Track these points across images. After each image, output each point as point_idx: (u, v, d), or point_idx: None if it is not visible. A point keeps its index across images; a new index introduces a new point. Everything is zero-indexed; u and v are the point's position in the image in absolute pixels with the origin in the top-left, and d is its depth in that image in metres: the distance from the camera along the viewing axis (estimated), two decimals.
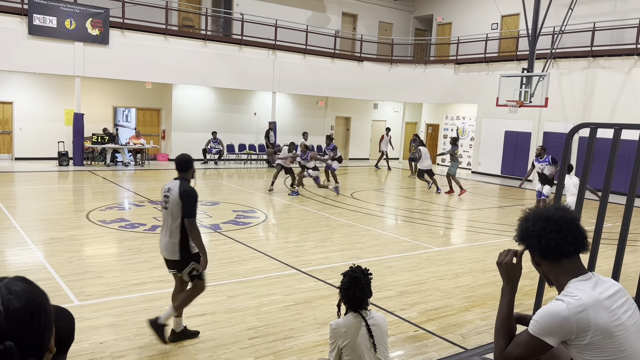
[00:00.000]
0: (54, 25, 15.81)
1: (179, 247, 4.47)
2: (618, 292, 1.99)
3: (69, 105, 17.67)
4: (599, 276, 2.04)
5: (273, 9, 21.24)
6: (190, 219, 4.41)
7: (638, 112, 15.92)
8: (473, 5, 22.66)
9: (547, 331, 1.94)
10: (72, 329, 1.43)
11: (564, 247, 2.00)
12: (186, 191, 4.44)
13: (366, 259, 7.65)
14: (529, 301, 5.81)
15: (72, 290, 5.77)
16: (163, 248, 4.60)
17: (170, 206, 4.49)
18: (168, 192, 4.54)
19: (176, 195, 4.45)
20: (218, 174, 17.22)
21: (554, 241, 2.00)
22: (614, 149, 3.90)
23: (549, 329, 1.93)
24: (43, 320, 1.08)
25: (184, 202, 4.42)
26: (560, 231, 2.00)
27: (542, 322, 1.95)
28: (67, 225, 8.89)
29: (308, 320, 5.28)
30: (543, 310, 1.97)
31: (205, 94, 20.32)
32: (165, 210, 4.56)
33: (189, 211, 4.42)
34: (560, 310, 1.91)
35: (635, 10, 17.08)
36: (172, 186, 4.55)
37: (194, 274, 4.58)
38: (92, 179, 14.59)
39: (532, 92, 16.10)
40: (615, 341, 1.88)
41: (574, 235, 2.01)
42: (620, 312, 1.93)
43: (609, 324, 1.88)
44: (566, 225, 2.01)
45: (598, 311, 1.89)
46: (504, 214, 12.42)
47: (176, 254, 4.50)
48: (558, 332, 1.92)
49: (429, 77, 22.49)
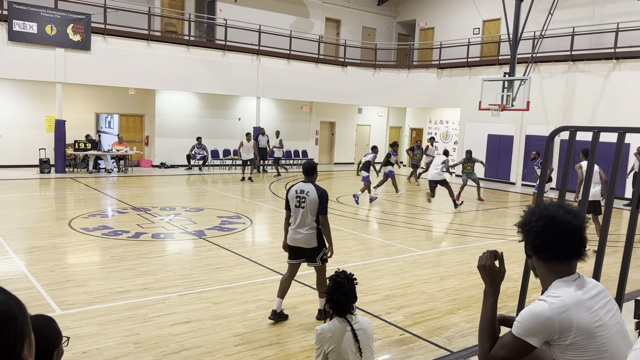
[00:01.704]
0: (35, 31, 15.62)
1: (316, 237, 5.37)
2: (600, 293, 2.01)
3: (50, 111, 17.45)
4: (583, 277, 2.06)
5: (257, 14, 21.24)
6: (324, 215, 5.33)
7: (617, 114, 16.20)
8: (455, 10, 22.90)
9: (530, 332, 1.95)
10: (52, 342, 1.41)
11: (557, 251, 2.00)
12: (323, 193, 5.34)
13: (352, 263, 7.66)
14: (513, 303, 5.87)
15: (54, 299, 5.69)
16: (300, 240, 5.39)
17: (308, 205, 5.31)
18: (303, 194, 5.35)
19: (315, 196, 5.30)
20: (202, 179, 17.13)
21: (550, 243, 1.99)
22: (593, 152, 3.96)
23: (532, 330, 1.94)
24: (13, 332, 1.06)
25: (321, 201, 5.30)
26: (560, 235, 1.98)
27: (525, 322, 1.96)
28: (48, 233, 8.77)
29: (294, 325, 5.27)
30: (526, 311, 1.98)
31: (189, 99, 20.22)
32: (301, 209, 5.33)
33: (325, 209, 5.33)
34: (543, 310, 1.93)
35: (613, 15, 17.41)
36: (308, 188, 5.36)
37: (324, 258, 5.46)
38: (74, 186, 14.42)
39: (514, 96, 16.31)
40: (597, 341, 1.90)
41: (572, 243, 2.00)
42: (602, 312, 1.95)
43: (591, 324, 1.90)
44: (568, 232, 1.99)
45: (580, 312, 1.91)
46: (487, 217, 12.53)
47: (314, 242, 5.38)
48: (541, 333, 1.93)
49: (412, 82, 22.65)
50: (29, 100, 17.45)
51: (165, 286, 6.29)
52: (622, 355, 1.92)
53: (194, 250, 8.16)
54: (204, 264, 7.30)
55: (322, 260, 5.46)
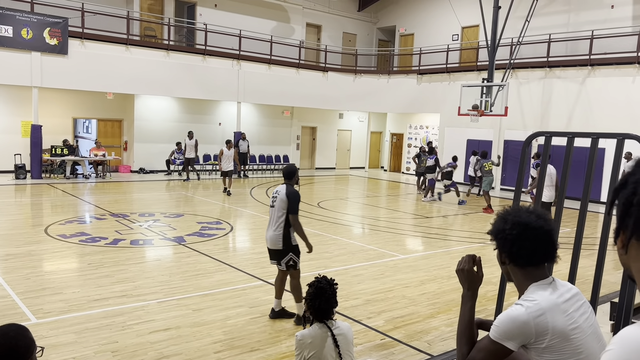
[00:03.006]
0: (10, 35, 15.35)
1: (282, 239, 5.38)
2: (575, 296, 2.05)
3: (26, 116, 17.14)
4: (558, 280, 2.09)
5: (237, 19, 21.20)
6: (294, 215, 5.36)
7: (593, 120, 16.53)
8: (434, 16, 23.16)
9: (507, 335, 1.97)
10: (24, 351, 1.37)
11: (533, 256, 2.03)
12: (292, 192, 5.40)
13: (333, 268, 7.66)
14: (492, 306, 5.92)
15: (29, 307, 5.57)
16: (268, 239, 5.50)
17: (277, 204, 5.40)
18: (276, 194, 5.48)
19: (283, 196, 5.37)
20: (182, 185, 16.98)
21: (526, 250, 2.02)
22: (568, 156, 4.04)
23: (509, 334, 1.96)
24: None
25: (289, 200, 5.34)
26: (535, 241, 2.01)
27: (502, 327, 1.98)
28: (24, 240, 8.59)
29: (275, 331, 5.25)
30: (503, 315, 2.00)
31: (169, 104, 20.06)
32: (272, 208, 5.47)
33: (294, 208, 5.36)
34: (520, 314, 1.95)
35: (587, 22, 17.79)
36: (280, 189, 5.49)
37: (290, 263, 5.43)
38: (51, 192, 14.16)
39: (492, 102, 16.54)
40: (572, 344, 1.93)
41: (546, 247, 2.03)
42: (577, 315, 1.98)
43: (566, 327, 1.94)
44: (542, 237, 2.02)
45: (556, 315, 1.94)
46: (467, 221, 12.65)
47: (280, 244, 5.40)
48: (518, 337, 1.96)
49: (392, 87, 22.82)
50: (4, 104, 17.12)
51: (144, 293, 6.21)
52: (596, 357, 1.95)
53: (174, 256, 8.08)
54: (184, 271, 7.23)
55: (287, 265, 5.45)
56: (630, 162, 13.82)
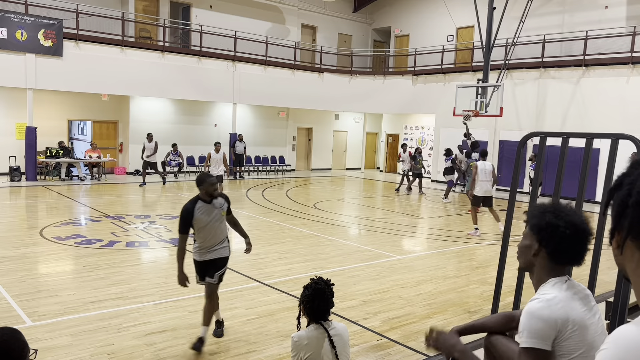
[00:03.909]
0: (4, 37, 15.29)
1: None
2: (588, 296, 2.07)
3: (20, 118, 17.07)
4: (573, 280, 2.11)
5: (232, 20, 21.19)
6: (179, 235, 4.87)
7: (587, 120, 16.60)
8: (429, 17, 23.21)
9: (538, 334, 1.93)
10: (17, 354, 1.36)
11: (575, 257, 2.07)
12: (182, 209, 4.83)
13: (329, 269, 7.66)
14: (488, 306, 5.94)
15: (24, 310, 5.55)
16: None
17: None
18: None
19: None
20: (178, 186, 16.94)
21: (572, 250, 2.05)
22: (562, 157, 4.06)
23: (540, 332, 1.93)
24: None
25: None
26: (582, 243, 2.06)
27: (531, 329, 1.94)
28: (19, 242, 8.55)
29: (271, 333, 5.24)
30: (524, 318, 1.97)
31: (164, 105, 20.02)
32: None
33: (179, 227, 4.85)
34: (541, 308, 1.95)
35: (582, 23, 17.87)
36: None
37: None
38: (46, 194, 14.11)
39: (487, 102, 16.59)
40: (590, 334, 1.94)
41: (585, 251, 2.08)
42: (590, 314, 2.00)
43: (584, 317, 1.96)
44: (587, 241, 2.07)
45: (573, 305, 1.96)
46: (463, 221, 12.68)
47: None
48: (547, 332, 1.94)
49: (388, 88, 22.85)
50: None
51: (140, 295, 6.20)
52: None
53: (170, 258, 8.06)
54: None
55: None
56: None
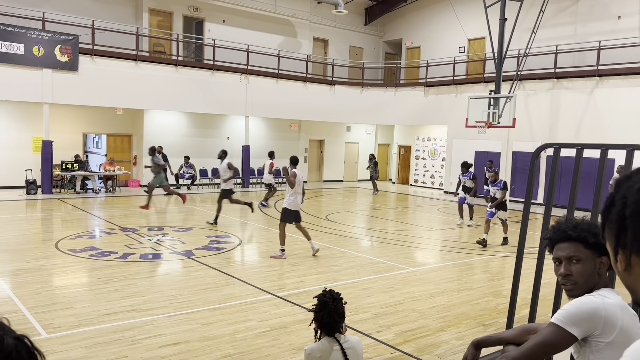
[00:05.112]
0: (22, 52, 15.59)
1: None
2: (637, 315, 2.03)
3: (37, 132, 17.34)
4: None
5: (245, 34, 21.41)
6: None
7: (601, 130, 16.43)
8: (441, 29, 23.26)
9: (573, 319, 1.88)
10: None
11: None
12: None
13: (342, 282, 7.64)
14: (503, 319, 5.87)
15: (40, 322, 5.59)
16: None
17: None
18: None
19: None
20: (191, 199, 17.04)
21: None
22: (577, 169, 4.03)
23: (576, 317, 1.88)
24: None
25: None
26: None
27: (569, 309, 1.89)
28: (35, 255, 8.65)
29: (284, 345, 5.22)
30: (571, 302, 1.92)
31: (178, 119, 20.22)
32: None
33: None
34: (593, 301, 1.89)
35: (594, 33, 17.79)
36: None
37: None
38: (61, 207, 14.27)
39: (500, 113, 16.53)
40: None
41: None
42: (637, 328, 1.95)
43: (633, 327, 1.89)
44: None
45: (626, 313, 1.90)
46: (476, 233, 12.57)
47: None
48: (585, 322, 1.87)
49: (399, 100, 22.87)
50: (16, 121, 17.34)
51: (153, 307, 6.22)
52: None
53: (183, 270, 8.10)
54: (193, 284, 7.24)
55: None
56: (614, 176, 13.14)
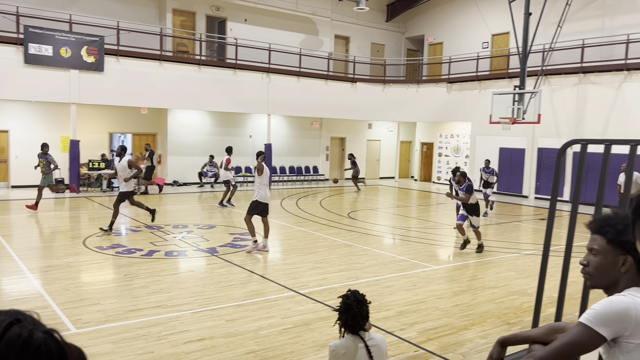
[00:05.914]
0: (50, 54, 15.94)
1: None
2: None
3: (64, 132, 17.72)
4: None
5: (267, 33, 21.51)
6: None
7: (630, 126, 16.06)
8: (463, 25, 23.00)
9: (603, 319, 1.84)
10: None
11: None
12: None
13: (364, 279, 7.63)
14: (529, 318, 5.79)
15: (69, 317, 5.73)
16: None
17: None
18: None
19: None
20: (214, 197, 17.20)
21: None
22: (605, 165, 3.95)
23: (606, 317, 1.83)
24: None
25: None
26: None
27: (599, 309, 1.85)
28: (63, 252, 8.85)
29: (307, 342, 5.25)
30: (601, 301, 1.87)
31: (201, 117, 20.43)
32: None
33: None
34: (623, 300, 1.84)
35: (623, 26, 17.37)
36: None
37: None
38: (88, 205, 14.56)
39: (524, 109, 16.27)
40: None
41: None
42: None
43: None
44: None
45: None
46: (501, 231, 12.43)
47: None
48: (615, 323, 1.83)
49: (422, 97, 22.70)
50: (44, 121, 17.75)
51: (178, 304, 6.31)
52: None
53: (207, 267, 8.19)
54: (217, 281, 7.32)
55: None
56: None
